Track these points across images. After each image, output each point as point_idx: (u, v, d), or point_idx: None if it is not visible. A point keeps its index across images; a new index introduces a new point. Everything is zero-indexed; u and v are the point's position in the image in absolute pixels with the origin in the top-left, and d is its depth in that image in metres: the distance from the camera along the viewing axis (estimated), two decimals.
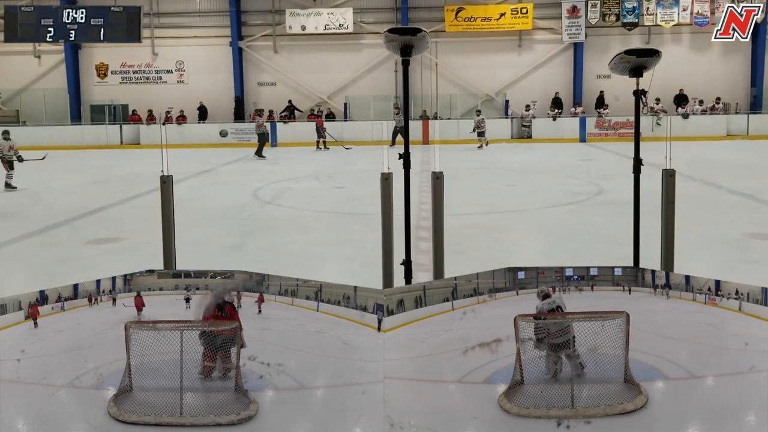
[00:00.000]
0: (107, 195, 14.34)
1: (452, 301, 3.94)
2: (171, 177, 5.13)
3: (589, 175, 16.48)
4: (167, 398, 3.22)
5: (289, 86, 31.08)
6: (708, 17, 28.44)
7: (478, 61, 30.38)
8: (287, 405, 3.28)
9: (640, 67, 4.86)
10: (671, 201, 5.04)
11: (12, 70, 30.63)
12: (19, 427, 3.09)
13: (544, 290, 3.66)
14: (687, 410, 3.19)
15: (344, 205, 12.91)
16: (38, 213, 12.23)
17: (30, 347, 3.58)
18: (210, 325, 3.39)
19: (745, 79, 29.91)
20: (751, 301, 3.73)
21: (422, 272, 6.63)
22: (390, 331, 3.54)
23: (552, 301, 3.61)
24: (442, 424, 3.10)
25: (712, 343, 3.69)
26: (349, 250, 8.84)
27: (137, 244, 9.22)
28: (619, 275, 4.15)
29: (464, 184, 14.96)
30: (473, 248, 8.75)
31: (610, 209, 11.36)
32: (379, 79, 30.51)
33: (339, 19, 29.85)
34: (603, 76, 29.05)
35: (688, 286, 4.00)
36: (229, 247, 9.15)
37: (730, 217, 10.60)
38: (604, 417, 3.11)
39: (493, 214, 11.48)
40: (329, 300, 3.87)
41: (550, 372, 3.42)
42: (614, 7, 29.27)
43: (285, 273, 7.16)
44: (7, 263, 8.68)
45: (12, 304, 3.76)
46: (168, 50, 31.18)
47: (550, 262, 8.12)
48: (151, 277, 4.12)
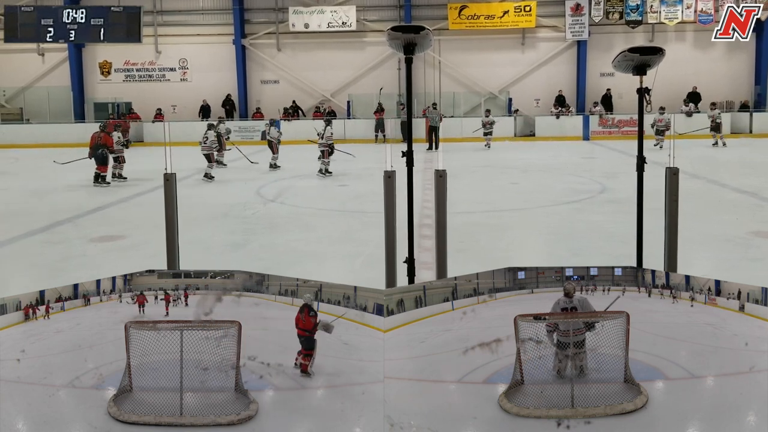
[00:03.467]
0: (111, 193, 14.36)
1: (452, 301, 3.93)
2: (174, 175, 5.13)
3: (593, 174, 16.45)
4: (167, 398, 3.23)
5: (293, 84, 31.08)
6: (712, 15, 28.34)
7: (482, 59, 30.34)
8: (287, 405, 3.28)
9: (643, 65, 4.83)
10: (675, 199, 5.02)
11: (16, 68, 30.67)
12: (19, 427, 3.10)
13: (566, 288, 3.64)
14: (687, 410, 3.18)
15: (347, 203, 12.91)
16: (43, 211, 12.25)
17: (30, 347, 3.58)
18: (208, 323, 3.40)
19: (749, 76, 29.83)
20: (752, 301, 3.72)
21: (425, 270, 6.63)
22: (390, 331, 3.54)
23: (569, 301, 3.60)
24: (442, 424, 3.10)
25: (712, 343, 3.68)
26: (351, 247, 8.85)
27: (141, 242, 9.24)
28: (620, 275, 4.14)
29: (467, 182, 14.96)
30: (476, 246, 8.76)
31: (613, 207, 11.34)
32: (382, 77, 30.48)
33: (342, 16, 29.82)
34: (606, 74, 28.99)
35: (688, 286, 3.99)
36: (231, 245, 9.16)
37: (733, 215, 10.57)
38: (604, 417, 3.11)
39: (496, 212, 11.47)
40: (329, 300, 3.87)
41: (555, 369, 3.41)
42: (618, 4, 29.19)
43: (287, 271, 7.20)
44: (13, 261, 8.71)
45: (12, 304, 3.77)
46: (171, 48, 31.20)
47: (552, 260, 8.11)
48: (152, 276, 4.12)
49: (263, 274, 4.05)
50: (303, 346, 3.49)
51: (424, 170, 15.37)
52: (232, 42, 30.70)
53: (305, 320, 3.56)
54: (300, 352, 3.48)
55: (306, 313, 3.59)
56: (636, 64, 4.83)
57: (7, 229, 10.30)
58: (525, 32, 30.33)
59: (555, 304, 3.60)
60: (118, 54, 30.74)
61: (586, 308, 3.58)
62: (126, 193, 14.05)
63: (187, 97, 30.63)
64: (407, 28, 4.72)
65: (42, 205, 13.05)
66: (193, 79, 31.25)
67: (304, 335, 3.52)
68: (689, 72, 28.59)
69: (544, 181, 15.85)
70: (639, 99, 5.14)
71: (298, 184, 15.69)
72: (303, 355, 3.46)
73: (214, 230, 10.06)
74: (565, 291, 3.64)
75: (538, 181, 15.96)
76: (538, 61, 30.53)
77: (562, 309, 3.58)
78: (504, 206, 12.20)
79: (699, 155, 19.14)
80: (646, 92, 5.12)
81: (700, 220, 9.65)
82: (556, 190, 14.11)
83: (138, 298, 3.98)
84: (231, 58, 30.86)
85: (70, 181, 16.23)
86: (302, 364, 3.44)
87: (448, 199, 5.23)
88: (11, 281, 7.51)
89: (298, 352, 3.48)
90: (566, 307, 3.59)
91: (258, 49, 31.15)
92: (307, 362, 3.44)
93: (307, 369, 3.43)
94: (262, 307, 3.84)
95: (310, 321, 3.56)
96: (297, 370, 3.48)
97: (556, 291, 3.67)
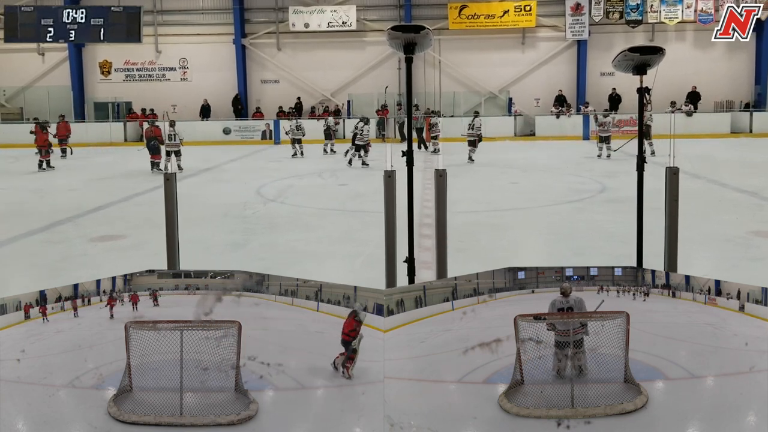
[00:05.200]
0: (111, 192, 14.36)
1: (452, 301, 3.93)
2: (175, 174, 5.14)
3: (593, 173, 16.45)
4: (167, 398, 3.23)
5: (293, 84, 31.08)
6: (712, 14, 28.34)
7: (482, 59, 30.34)
8: (287, 405, 3.28)
9: (643, 64, 4.83)
10: (675, 199, 5.02)
11: (16, 67, 30.68)
12: (19, 427, 3.10)
13: (563, 287, 3.65)
14: (687, 410, 3.18)
15: (347, 202, 12.91)
16: (43, 210, 12.25)
17: (30, 347, 3.58)
18: (208, 323, 3.40)
19: (749, 76, 29.82)
20: (752, 301, 3.72)
21: (425, 269, 6.63)
22: (390, 331, 3.54)
23: (566, 301, 3.60)
24: (442, 424, 3.09)
25: (712, 343, 3.67)
26: (352, 247, 8.84)
27: (141, 242, 9.24)
28: (620, 275, 4.14)
29: (467, 181, 14.97)
30: (476, 246, 8.75)
31: (613, 207, 11.34)
32: (382, 77, 30.47)
33: (342, 16, 29.83)
34: (607, 74, 28.98)
35: (688, 286, 3.99)
36: (232, 245, 9.16)
37: (733, 215, 10.57)
38: (604, 417, 3.11)
39: (496, 212, 11.47)
40: (329, 300, 3.87)
41: (555, 369, 3.41)
42: (618, 4, 29.19)
43: (288, 270, 7.20)
44: (13, 260, 8.71)
45: (12, 304, 3.76)
46: (171, 48, 31.21)
47: (552, 259, 8.11)
48: (151, 277, 4.12)
49: (263, 274, 4.05)
50: (346, 350, 3.51)
51: (425, 170, 15.38)
52: (233, 42, 30.71)
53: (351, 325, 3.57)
54: (342, 353, 3.49)
55: (352, 318, 3.59)
56: (636, 64, 4.83)
57: (7, 229, 10.30)
58: (525, 32, 30.33)
59: (551, 304, 3.60)
60: (119, 53, 30.74)
61: (582, 308, 3.58)
62: (126, 192, 14.04)
63: (188, 96, 30.63)
64: (407, 27, 4.72)
65: (42, 205, 13.05)
66: (193, 78, 31.26)
67: (348, 339, 3.53)
68: (689, 72, 28.58)
69: (545, 180, 15.85)
70: (639, 99, 5.14)
71: (299, 184, 15.69)
72: (346, 358, 3.47)
73: (214, 230, 10.05)
74: (562, 291, 3.64)
75: (538, 180, 15.96)
76: (538, 60, 30.53)
77: (558, 309, 3.59)
78: (504, 206, 12.19)
79: (700, 154, 19.12)
80: (646, 92, 5.12)
81: (701, 220, 9.64)
82: (556, 189, 14.11)
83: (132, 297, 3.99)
84: (231, 58, 30.87)
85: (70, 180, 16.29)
86: (345, 366, 3.45)
87: (449, 198, 5.24)
88: (11, 281, 7.51)
89: (340, 354, 3.49)
90: (562, 307, 3.59)
91: (258, 48, 31.15)
92: (349, 365, 3.46)
93: (349, 372, 3.44)
94: (262, 307, 3.84)
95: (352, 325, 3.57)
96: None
97: (556, 291, 3.67)
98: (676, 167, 5.05)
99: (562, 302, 3.60)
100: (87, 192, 14.76)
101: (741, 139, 26.35)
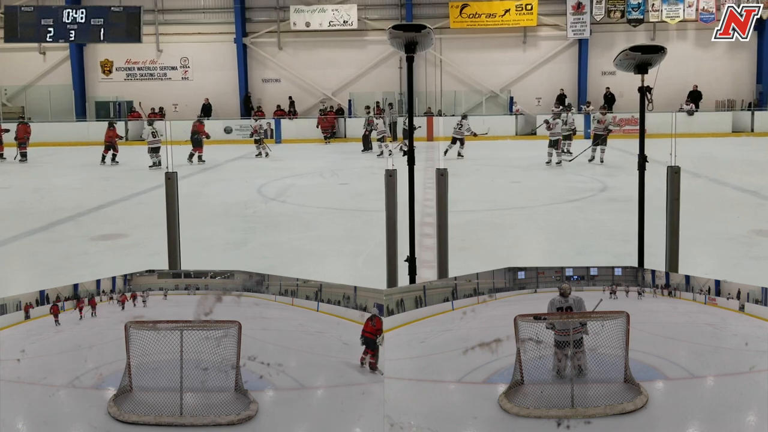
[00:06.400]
0: (112, 191, 14.37)
1: (452, 301, 3.92)
2: (176, 173, 5.13)
3: (594, 172, 16.44)
4: (167, 398, 3.23)
5: (294, 83, 31.07)
6: (713, 13, 28.30)
7: (483, 58, 30.32)
8: (287, 405, 3.28)
9: (645, 63, 4.81)
10: (676, 198, 5.01)
11: (17, 66, 30.68)
12: (19, 427, 3.10)
13: (562, 288, 3.64)
14: (687, 410, 3.18)
15: (348, 201, 12.91)
16: (43, 209, 12.25)
17: (30, 347, 3.58)
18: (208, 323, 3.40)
19: (751, 75, 29.79)
20: (752, 301, 3.72)
21: (426, 269, 6.62)
22: (390, 331, 3.54)
23: (564, 301, 3.59)
24: (442, 424, 3.09)
25: (712, 343, 3.67)
26: (353, 246, 8.84)
27: (142, 241, 9.24)
28: (620, 275, 4.13)
29: (468, 180, 14.96)
30: (478, 244, 8.75)
31: (614, 206, 11.33)
32: (383, 76, 30.47)
33: (343, 15, 29.83)
34: (608, 73, 28.97)
35: (688, 286, 3.98)
36: (233, 244, 9.16)
37: (735, 214, 10.56)
38: (604, 417, 3.10)
39: (498, 211, 11.47)
40: (329, 300, 3.87)
41: (555, 369, 3.41)
42: (619, 3, 29.17)
43: (289, 269, 7.21)
44: (13, 259, 8.72)
45: (12, 303, 3.76)
46: (173, 47, 31.21)
47: (553, 258, 8.11)
48: (152, 276, 4.12)
49: (263, 274, 4.05)
50: (369, 347, 3.54)
51: (425, 169, 15.37)
52: (234, 40, 30.71)
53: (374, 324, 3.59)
54: (366, 352, 3.51)
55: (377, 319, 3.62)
56: (637, 63, 4.81)
57: (8, 228, 10.30)
58: (526, 31, 30.30)
59: (550, 303, 3.60)
60: (120, 53, 30.75)
61: (581, 308, 3.58)
62: (127, 191, 14.04)
63: (189, 95, 30.62)
64: (408, 26, 4.71)
65: (43, 204, 13.05)
66: (195, 77, 31.26)
67: (371, 338, 3.55)
68: (691, 71, 28.56)
69: (546, 179, 15.85)
70: (640, 98, 5.13)
71: (299, 183, 15.69)
72: (371, 355, 3.50)
73: (215, 229, 10.05)
74: (561, 290, 3.64)
75: (539, 179, 15.95)
76: (539, 59, 30.51)
77: (557, 309, 3.58)
78: (505, 205, 12.19)
79: (701, 154, 19.11)
80: (647, 91, 5.11)
81: (702, 219, 9.63)
82: (557, 188, 14.10)
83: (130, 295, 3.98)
84: (232, 57, 30.87)
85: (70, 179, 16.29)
86: (371, 362, 3.47)
87: (450, 197, 5.23)
88: (12, 280, 7.51)
89: (364, 352, 3.51)
90: (561, 307, 3.59)
91: (259, 47, 31.15)
92: (374, 360, 3.49)
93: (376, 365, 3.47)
94: (262, 307, 3.84)
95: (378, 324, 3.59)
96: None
97: (556, 291, 3.66)
98: (677, 166, 5.04)
99: (561, 302, 3.60)
100: (88, 191, 14.77)
101: (742, 138, 26.34)
